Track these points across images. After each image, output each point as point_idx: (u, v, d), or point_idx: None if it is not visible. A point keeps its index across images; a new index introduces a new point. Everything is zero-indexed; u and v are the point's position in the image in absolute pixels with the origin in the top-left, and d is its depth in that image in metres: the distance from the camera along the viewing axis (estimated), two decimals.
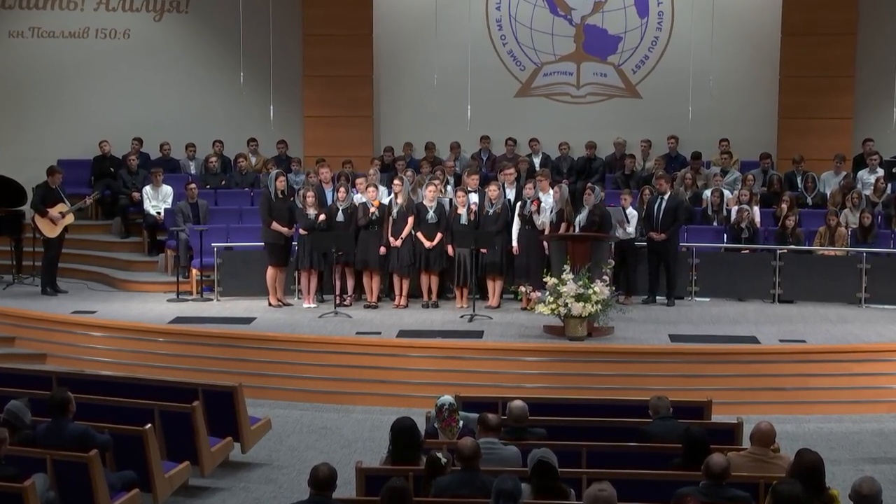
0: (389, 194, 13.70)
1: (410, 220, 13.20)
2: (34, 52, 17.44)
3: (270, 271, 13.28)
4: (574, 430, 7.91)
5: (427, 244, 13.19)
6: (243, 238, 14.40)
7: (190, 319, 12.62)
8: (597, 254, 12.00)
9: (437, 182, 13.59)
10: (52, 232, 14.09)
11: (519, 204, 13.22)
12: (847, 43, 16.62)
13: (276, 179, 13.33)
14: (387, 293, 13.69)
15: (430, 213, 13.19)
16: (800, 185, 15.63)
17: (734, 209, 14.38)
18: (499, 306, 13.25)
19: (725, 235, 14.36)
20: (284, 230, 13.18)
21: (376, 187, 13.46)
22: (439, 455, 6.47)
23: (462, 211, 13.21)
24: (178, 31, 17.62)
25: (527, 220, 13.06)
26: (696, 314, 13.07)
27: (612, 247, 13.21)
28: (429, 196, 13.24)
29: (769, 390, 10.94)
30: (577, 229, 12.61)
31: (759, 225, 14.34)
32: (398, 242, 13.16)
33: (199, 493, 8.52)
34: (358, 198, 13.51)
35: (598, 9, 17.42)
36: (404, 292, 13.34)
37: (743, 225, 14.08)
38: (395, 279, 13.37)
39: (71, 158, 16.80)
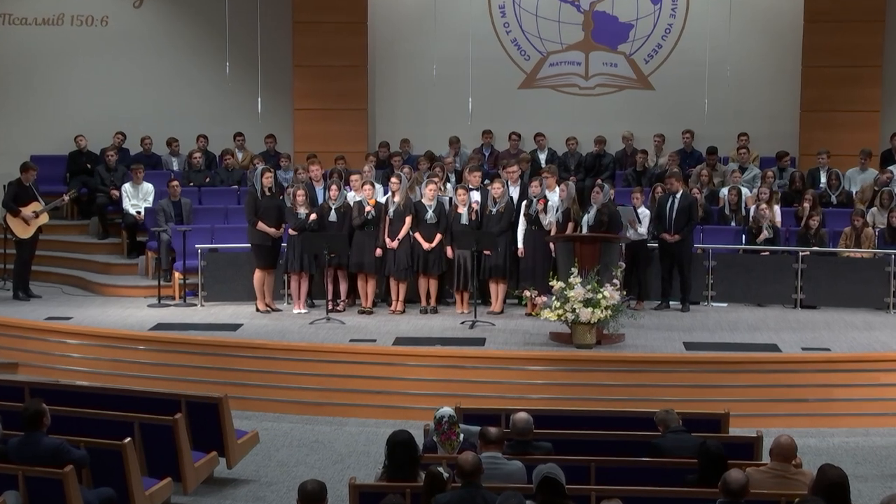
0: (385, 192, 13.71)
1: (408, 220, 13.21)
2: (5, 40, 17.44)
3: (258, 274, 13.29)
4: (582, 444, 7.91)
5: (426, 246, 13.19)
6: (229, 239, 14.40)
7: (172, 326, 12.63)
8: (606, 256, 12.00)
9: (436, 180, 13.59)
10: (24, 232, 14.09)
11: (524, 203, 13.22)
12: (874, 30, 16.63)
13: (262, 176, 13.33)
14: (383, 298, 13.70)
15: (429, 213, 13.20)
16: (823, 182, 15.62)
17: (753, 208, 14.38)
18: (502, 312, 13.26)
19: (744, 236, 14.36)
20: (271, 231, 13.18)
21: (372, 185, 13.47)
22: (440, 469, 6.48)
23: (463, 210, 13.22)
24: (160, 17, 17.63)
25: (532, 220, 13.07)
26: (712, 320, 13.08)
27: (623, 248, 13.21)
28: (428, 195, 13.24)
29: (790, 402, 10.94)
30: (584, 230, 12.62)
31: (779, 225, 14.34)
32: (395, 244, 13.16)
33: None
34: (352, 196, 13.52)
35: None
36: (401, 297, 13.35)
37: (763, 225, 14.08)
38: (392, 283, 13.38)
39: (45, 154, 16.81)
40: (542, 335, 12.06)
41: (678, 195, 13.53)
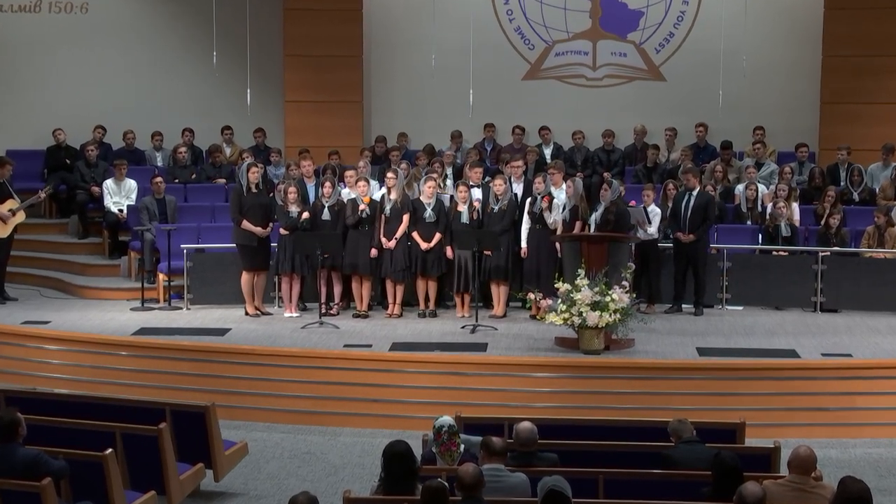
0: (381, 189, 13.70)
1: (405, 218, 13.21)
2: None
3: (245, 276, 13.27)
4: (589, 456, 7.91)
5: (424, 245, 13.19)
6: (216, 239, 14.40)
7: (156, 330, 12.62)
8: (615, 256, 12.01)
9: (435, 176, 13.59)
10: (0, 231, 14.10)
11: (528, 200, 13.22)
12: None
13: (247, 171, 13.33)
14: (378, 301, 13.70)
15: (428, 211, 13.20)
16: (844, 179, 15.62)
17: (770, 206, 14.37)
18: (504, 316, 13.26)
19: (760, 236, 14.36)
20: (257, 230, 13.16)
21: (367, 181, 13.47)
22: (441, 481, 6.47)
23: (463, 208, 13.22)
24: (143, 4, 17.62)
25: (536, 219, 13.06)
26: (727, 325, 13.08)
27: (633, 249, 13.21)
28: (427, 192, 13.24)
29: (810, 410, 10.95)
30: (591, 229, 12.62)
31: (798, 224, 14.34)
32: (391, 244, 13.17)
33: None
34: (346, 193, 13.53)
35: None
36: (398, 300, 13.35)
37: (780, 224, 14.07)
38: (388, 285, 13.38)
39: (21, 148, 16.80)
40: (547, 340, 12.06)
41: (694, 192, 13.52)
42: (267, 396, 11.42)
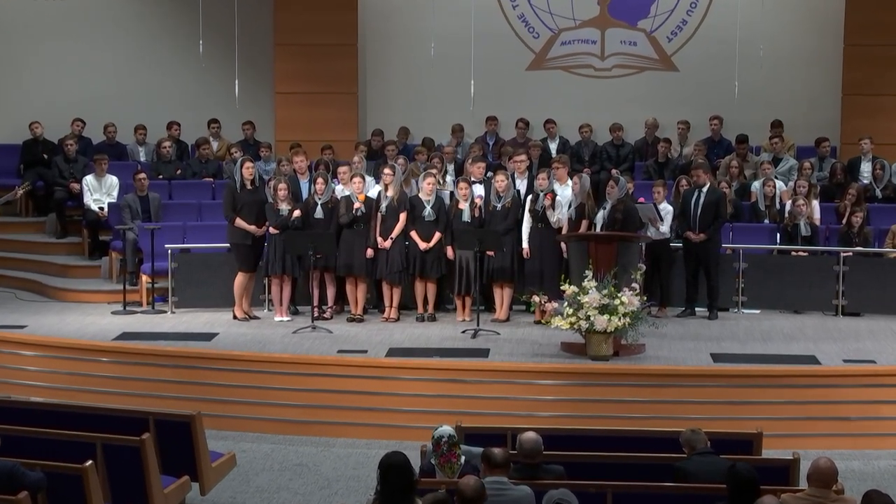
0: (377, 186, 13.70)
1: (403, 216, 13.21)
2: None
3: (240, 277, 13.25)
4: (597, 468, 7.91)
5: (422, 245, 13.20)
6: (202, 238, 14.41)
7: (139, 335, 12.63)
8: (624, 257, 12.01)
9: (434, 172, 13.59)
10: None
11: (530, 198, 13.22)
12: None
13: (242, 167, 13.33)
14: (374, 304, 13.70)
15: (427, 209, 13.20)
16: (867, 174, 15.62)
17: (788, 203, 14.37)
18: (507, 319, 13.27)
19: (779, 235, 14.36)
20: (252, 228, 13.18)
21: (362, 178, 13.46)
22: (443, 491, 6.47)
23: (464, 206, 13.22)
24: None
25: (539, 217, 13.06)
26: (743, 329, 13.09)
27: (643, 249, 13.21)
28: (426, 189, 13.24)
29: (831, 420, 10.95)
30: (596, 228, 12.61)
31: (818, 223, 14.34)
32: (388, 244, 13.17)
33: None
34: (340, 190, 13.53)
35: None
36: (395, 303, 13.36)
37: (800, 222, 14.07)
38: (385, 287, 13.38)
39: None
40: (552, 345, 12.07)
41: (704, 189, 13.53)
42: (256, 405, 11.42)
